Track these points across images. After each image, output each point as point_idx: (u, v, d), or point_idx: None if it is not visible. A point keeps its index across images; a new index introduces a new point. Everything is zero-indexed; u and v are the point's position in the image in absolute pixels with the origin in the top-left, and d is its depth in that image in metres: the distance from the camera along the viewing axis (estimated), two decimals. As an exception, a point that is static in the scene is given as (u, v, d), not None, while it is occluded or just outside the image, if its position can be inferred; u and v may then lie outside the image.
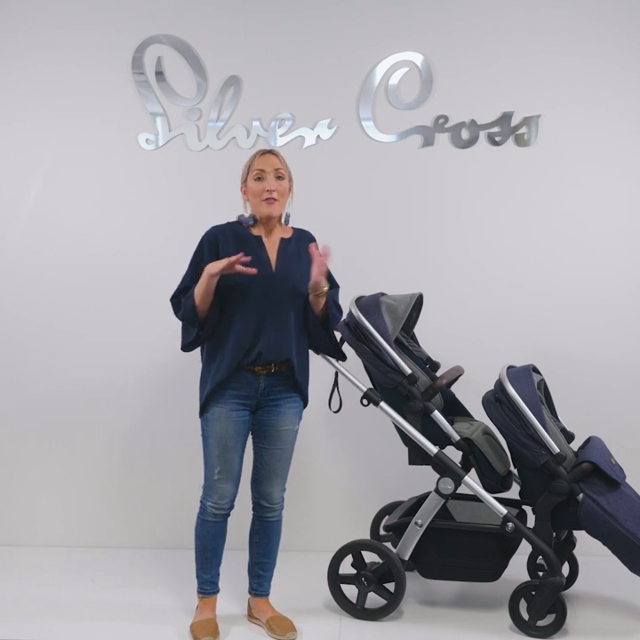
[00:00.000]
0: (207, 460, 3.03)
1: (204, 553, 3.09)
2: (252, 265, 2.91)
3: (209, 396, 2.98)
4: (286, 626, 3.08)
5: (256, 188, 3.00)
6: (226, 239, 3.00)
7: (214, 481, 3.01)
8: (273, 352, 2.98)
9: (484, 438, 3.27)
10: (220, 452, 2.99)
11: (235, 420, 2.99)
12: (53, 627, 3.17)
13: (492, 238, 3.91)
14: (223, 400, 2.98)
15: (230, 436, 2.99)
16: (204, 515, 3.05)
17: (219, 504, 3.03)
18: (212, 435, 2.99)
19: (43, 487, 4.02)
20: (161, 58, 3.90)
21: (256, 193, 3.01)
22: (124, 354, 3.95)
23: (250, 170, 3.02)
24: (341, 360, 3.19)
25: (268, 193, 2.99)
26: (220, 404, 2.98)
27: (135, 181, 3.94)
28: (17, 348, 3.98)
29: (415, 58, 3.85)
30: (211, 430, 2.99)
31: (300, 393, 3.09)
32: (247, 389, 3.00)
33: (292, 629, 3.07)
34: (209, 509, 3.03)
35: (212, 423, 2.99)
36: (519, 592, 3.08)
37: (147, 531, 3.99)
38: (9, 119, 3.95)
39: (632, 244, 3.88)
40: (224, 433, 2.98)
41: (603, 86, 3.84)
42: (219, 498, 3.02)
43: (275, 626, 3.08)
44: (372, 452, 3.94)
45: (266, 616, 3.13)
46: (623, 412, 3.88)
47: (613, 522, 2.98)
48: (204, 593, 3.13)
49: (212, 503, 3.03)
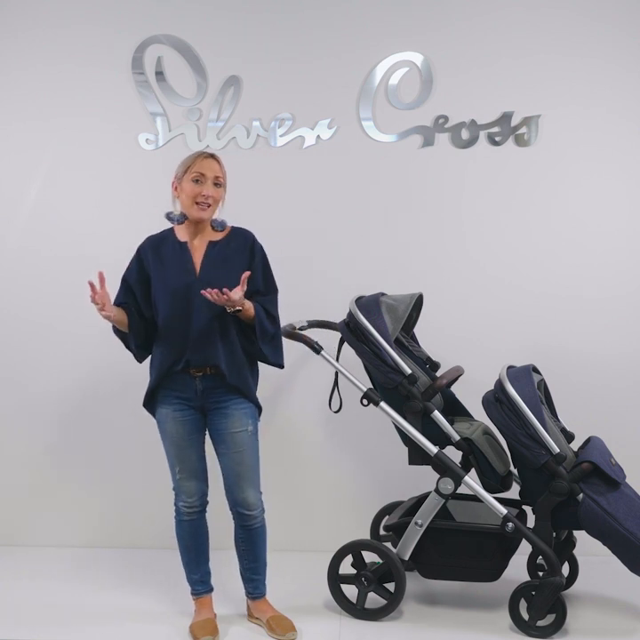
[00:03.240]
0: (168, 461, 3.10)
1: (188, 554, 3.13)
2: (174, 273, 2.97)
3: (148, 398, 3.08)
4: (286, 625, 3.08)
5: (192, 191, 2.97)
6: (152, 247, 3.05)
7: (178, 480, 3.08)
8: (200, 358, 2.96)
9: (484, 438, 3.27)
10: (176, 452, 3.06)
11: (181, 420, 3.04)
12: (53, 627, 3.18)
13: (492, 238, 3.91)
14: (167, 401, 3.05)
15: (181, 435, 3.04)
16: (179, 515, 3.11)
17: (188, 502, 3.08)
18: (165, 435, 3.08)
19: (41, 487, 4.02)
20: (161, 58, 3.90)
21: (190, 195, 2.97)
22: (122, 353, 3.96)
23: (189, 170, 2.97)
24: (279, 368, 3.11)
25: (203, 198, 2.97)
26: (164, 405, 3.05)
27: (135, 181, 3.94)
28: (16, 348, 3.99)
29: (415, 58, 3.85)
30: (162, 431, 3.08)
31: (243, 397, 3.02)
32: (186, 391, 3.02)
33: (292, 629, 3.07)
34: (181, 509, 3.10)
35: (162, 424, 3.07)
36: (519, 592, 3.08)
37: (147, 531, 3.99)
38: (9, 119, 3.95)
39: (632, 243, 3.88)
40: (174, 433, 3.05)
41: (603, 86, 3.83)
42: (187, 496, 3.08)
43: (275, 625, 3.09)
44: (372, 452, 3.94)
45: (266, 616, 3.14)
46: (623, 412, 3.88)
47: (613, 522, 2.99)
48: (197, 594, 3.15)
49: (183, 502, 3.09)
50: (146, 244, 3.08)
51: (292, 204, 3.91)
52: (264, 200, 3.84)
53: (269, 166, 3.88)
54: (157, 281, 3.00)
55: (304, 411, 3.94)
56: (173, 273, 2.98)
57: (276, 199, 3.89)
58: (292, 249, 3.85)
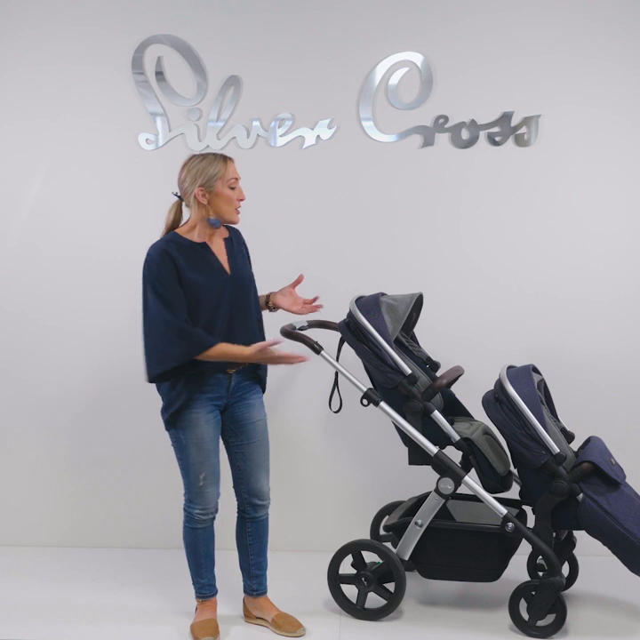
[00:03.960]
0: (188, 469, 3.00)
1: (198, 559, 3.09)
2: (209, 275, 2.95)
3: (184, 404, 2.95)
4: (294, 622, 3.12)
5: (231, 197, 2.98)
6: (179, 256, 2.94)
7: (200, 487, 3.00)
8: None
9: (484, 438, 3.27)
10: (203, 458, 2.98)
11: (212, 422, 3.00)
12: (52, 627, 3.18)
13: (492, 238, 3.91)
14: (198, 404, 2.97)
15: (210, 438, 3.00)
16: (192, 523, 3.05)
17: (206, 509, 3.03)
18: (191, 442, 2.97)
19: (40, 487, 4.02)
20: (161, 58, 3.89)
21: (231, 202, 2.98)
22: (123, 353, 3.96)
23: (222, 178, 2.95)
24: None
25: (239, 203, 3.01)
26: (196, 409, 2.97)
27: (135, 181, 3.94)
28: (16, 348, 3.99)
29: (415, 58, 3.85)
30: (189, 438, 2.98)
31: (261, 384, 3.13)
32: (219, 390, 3.01)
33: (301, 625, 3.11)
34: (196, 517, 3.03)
35: (189, 430, 2.97)
36: (519, 592, 3.08)
37: (147, 531, 3.99)
38: (9, 119, 3.95)
39: (632, 244, 3.88)
40: (204, 437, 2.98)
41: (603, 86, 3.83)
42: (206, 503, 3.02)
43: (282, 623, 3.11)
44: (372, 452, 3.94)
45: (271, 614, 3.15)
46: (623, 412, 3.88)
47: (613, 522, 2.99)
48: (203, 597, 3.13)
49: (200, 510, 3.02)
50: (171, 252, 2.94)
51: (292, 204, 3.91)
52: (264, 200, 3.83)
53: (269, 166, 3.88)
54: (195, 285, 2.93)
55: (304, 411, 3.94)
56: (209, 275, 2.96)
57: (275, 199, 3.89)
58: (291, 249, 3.86)
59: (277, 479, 3.82)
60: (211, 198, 2.97)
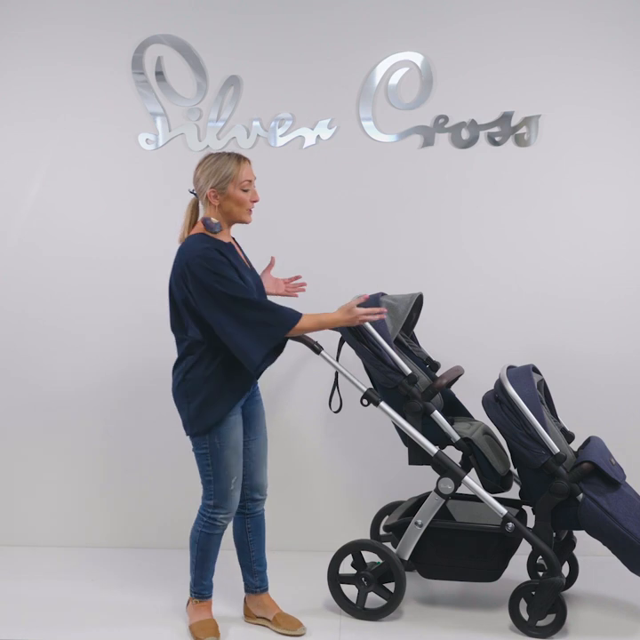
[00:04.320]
0: (221, 474, 2.95)
1: (207, 563, 3.09)
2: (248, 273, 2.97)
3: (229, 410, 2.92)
4: (295, 621, 3.13)
5: (243, 199, 2.96)
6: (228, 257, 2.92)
7: (230, 491, 2.98)
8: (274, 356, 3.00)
9: (484, 438, 3.27)
10: (236, 461, 2.98)
11: (241, 423, 3.01)
12: (53, 627, 3.18)
13: (492, 238, 3.91)
14: (234, 407, 2.97)
15: (241, 439, 3.01)
16: (212, 528, 3.01)
17: (231, 512, 3.03)
18: (228, 445, 2.94)
19: (40, 487, 4.02)
20: (161, 58, 3.89)
21: (244, 203, 2.97)
22: (123, 353, 3.96)
23: (235, 180, 2.94)
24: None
25: (252, 204, 3.00)
26: (233, 412, 2.96)
27: (135, 181, 3.94)
28: (16, 348, 3.99)
29: (415, 58, 3.85)
30: (226, 441, 2.94)
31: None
32: (248, 390, 3.03)
33: (301, 625, 3.12)
34: (219, 522, 3.00)
35: (226, 434, 2.93)
36: (519, 592, 3.08)
37: (147, 531, 3.99)
38: (9, 119, 3.95)
39: (632, 244, 3.88)
40: (239, 439, 2.98)
41: (603, 86, 3.83)
42: (232, 507, 3.02)
43: (283, 621, 3.12)
44: (371, 452, 3.94)
45: (273, 612, 3.16)
46: (623, 412, 3.88)
47: (613, 522, 2.99)
48: (203, 597, 3.13)
49: (225, 514, 3.01)
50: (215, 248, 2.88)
51: (292, 204, 3.91)
52: (264, 200, 3.82)
53: (269, 166, 3.87)
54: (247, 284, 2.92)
55: (304, 411, 3.94)
56: (248, 274, 2.98)
57: (275, 199, 3.89)
58: (291, 249, 3.85)
59: (277, 479, 3.83)
60: (222, 200, 2.95)
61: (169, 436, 3.88)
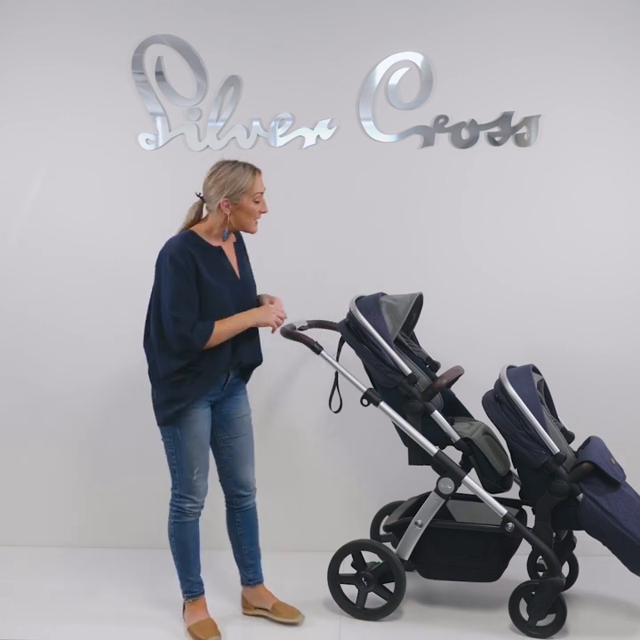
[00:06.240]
0: (183, 464, 3.04)
1: (188, 556, 3.12)
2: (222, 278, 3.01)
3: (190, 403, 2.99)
4: (294, 610, 3.19)
5: (254, 210, 3.04)
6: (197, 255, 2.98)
7: (193, 482, 3.05)
8: (251, 357, 3.13)
9: (484, 438, 3.27)
10: (199, 452, 3.05)
11: (207, 417, 3.07)
12: (52, 627, 3.18)
13: (493, 238, 3.91)
14: (197, 402, 3.02)
15: (205, 433, 3.07)
16: (182, 517, 3.08)
17: (198, 502, 3.09)
18: (190, 437, 3.03)
19: (38, 487, 4.02)
20: (161, 58, 3.89)
21: (253, 214, 3.05)
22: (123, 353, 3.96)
23: (250, 191, 3.00)
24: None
25: (260, 214, 3.08)
26: (196, 405, 3.02)
27: (135, 181, 3.94)
28: (16, 348, 3.99)
29: (415, 58, 3.85)
30: (187, 433, 3.02)
31: (245, 382, 3.22)
32: (216, 387, 3.07)
33: (300, 613, 3.17)
34: (188, 510, 3.07)
35: (188, 426, 3.02)
36: (519, 592, 3.08)
37: (147, 531, 3.98)
38: (9, 119, 3.95)
39: (632, 244, 3.88)
40: (202, 432, 3.05)
41: (603, 86, 3.83)
42: (198, 497, 3.08)
43: (282, 610, 3.18)
44: (371, 452, 3.94)
45: (270, 602, 3.20)
46: (623, 412, 3.88)
47: (613, 522, 2.99)
48: (195, 595, 3.14)
49: (192, 504, 3.07)
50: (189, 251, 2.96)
51: (292, 205, 3.91)
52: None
53: (269, 166, 3.86)
54: (209, 287, 2.98)
55: (304, 411, 3.94)
56: (222, 278, 3.02)
57: (275, 199, 3.88)
58: (291, 249, 3.86)
59: (277, 479, 3.85)
60: (234, 209, 3.02)
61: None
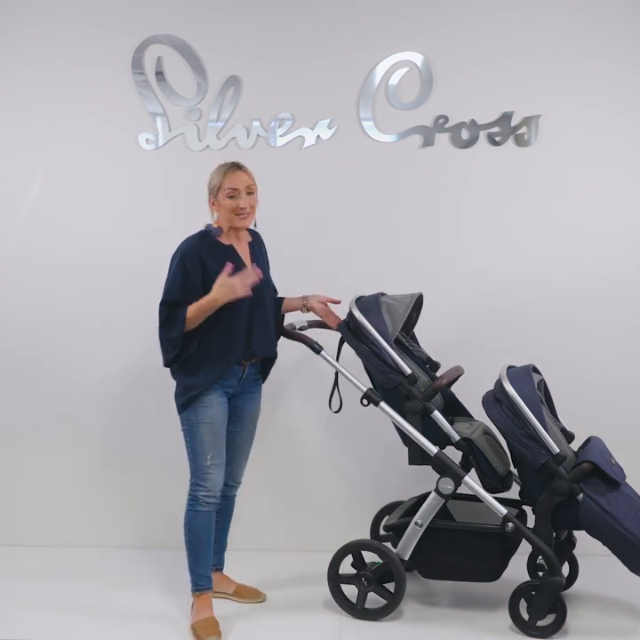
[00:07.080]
0: (197, 449, 3.11)
1: (199, 547, 3.14)
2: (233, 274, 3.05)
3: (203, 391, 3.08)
4: (256, 591, 3.37)
5: (229, 206, 3.11)
6: (207, 253, 3.09)
7: (207, 467, 3.10)
8: (264, 349, 3.19)
9: (484, 438, 3.27)
10: (212, 438, 3.11)
11: (223, 407, 3.13)
12: (53, 627, 3.18)
13: (493, 238, 3.91)
14: (212, 388, 3.09)
15: (220, 421, 3.13)
16: (196, 506, 3.12)
17: (212, 491, 3.12)
18: (203, 422, 3.09)
19: (39, 487, 4.02)
20: (161, 58, 3.89)
21: (229, 210, 3.12)
22: (123, 352, 3.96)
23: (221, 187, 3.11)
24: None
25: (241, 210, 3.11)
26: (209, 391, 3.09)
27: (135, 181, 3.94)
28: (16, 348, 3.99)
29: (415, 58, 3.85)
30: (201, 418, 3.09)
31: (262, 380, 3.32)
32: (232, 379, 3.14)
33: (262, 593, 3.37)
34: (201, 499, 3.12)
35: (202, 410, 3.08)
36: (519, 592, 3.08)
37: (147, 531, 3.99)
38: (9, 119, 3.95)
39: (632, 244, 3.88)
40: (216, 419, 3.11)
41: (603, 86, 3.83)
42: (212, 485, 3.12)
43: (245, 593, 3.36)
44: (372, 452, 3.94)
45: (231, 586, 3.38)
46: (623, 412, 3.88)
47: (613, 522, 2.98)
48: (201, 589, 3.16)
49: (205, 492, 3.11)
50: (195, 247, 3.09)
51: (292, 204, 3.91)
52: (263, 200, 3.83)
53: (269, 166, 3.87)
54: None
55: (304, 411, 3.94)
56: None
57: (275, 199, 3.89)
58: (291, 249, 3.85)
59: (277, 479, 3.85)
60: (218, 207, 3.14)
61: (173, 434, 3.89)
